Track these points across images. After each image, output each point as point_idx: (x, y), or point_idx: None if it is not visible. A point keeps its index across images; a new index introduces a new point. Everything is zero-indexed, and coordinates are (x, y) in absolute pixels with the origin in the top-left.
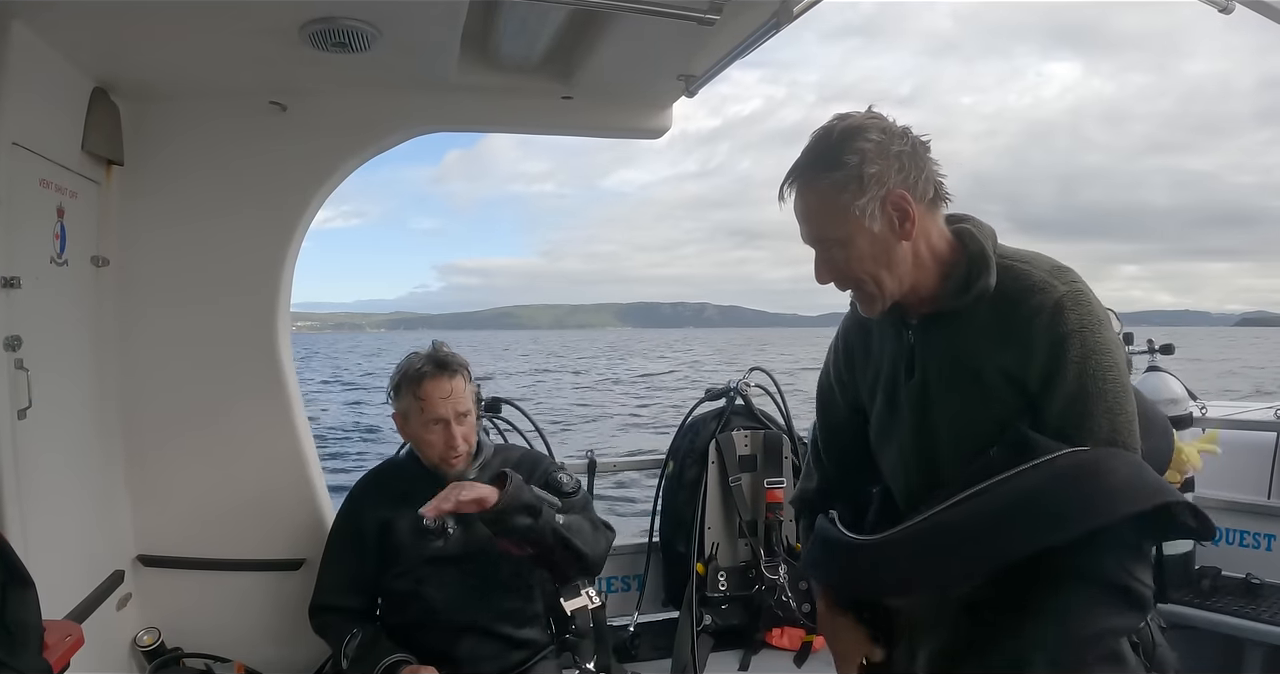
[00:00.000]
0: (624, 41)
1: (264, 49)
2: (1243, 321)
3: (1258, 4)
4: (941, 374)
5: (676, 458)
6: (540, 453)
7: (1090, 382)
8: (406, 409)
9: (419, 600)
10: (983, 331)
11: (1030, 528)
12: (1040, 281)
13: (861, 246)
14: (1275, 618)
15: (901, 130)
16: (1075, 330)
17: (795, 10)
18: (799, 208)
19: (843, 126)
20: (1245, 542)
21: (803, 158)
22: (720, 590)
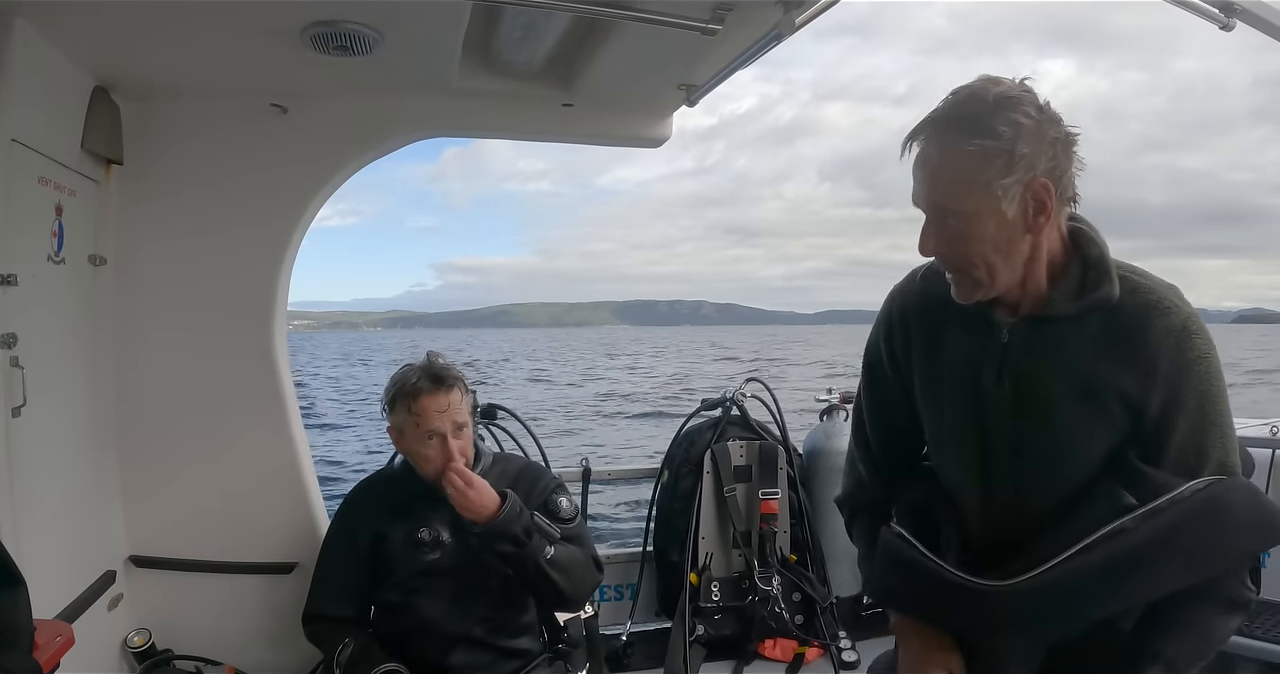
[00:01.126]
0: (626, 50)
1: (266, 51)
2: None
3: (1259, 21)
4: (1044, 385)
5: (672, 467)
6: (541, 467)
7: (1211, 410)
8: (402, 424)
9: (412, 611)
10: (1099, 345)
11: (1169, 571)
12: (1165, 301)
13: (987, 227)
14: (1269, 635)
15: (1056, 115)
16: (1201, 356)
17: (798, 21)
18: (929, 166)
19: (999, 92)
20: None
21: (947, 113)
22: (713, 601)
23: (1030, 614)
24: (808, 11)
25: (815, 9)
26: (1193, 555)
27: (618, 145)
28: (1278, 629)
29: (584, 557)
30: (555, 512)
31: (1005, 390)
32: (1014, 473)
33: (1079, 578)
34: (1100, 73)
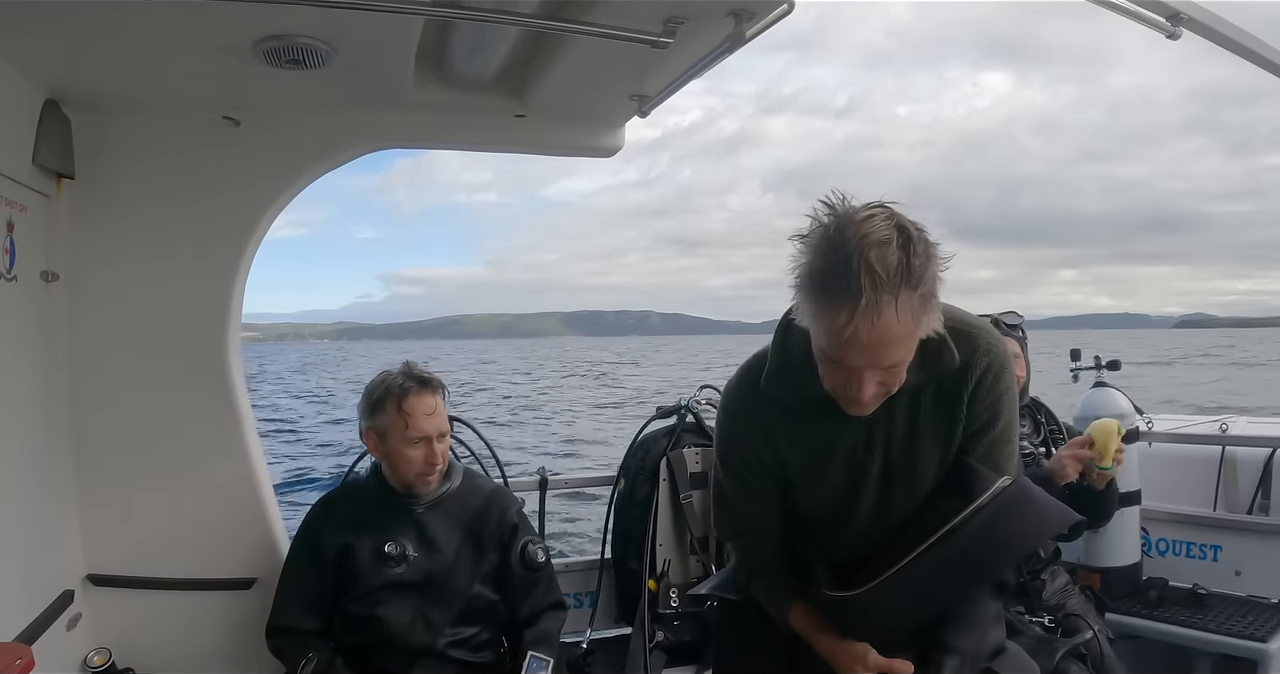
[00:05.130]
0: (577, 61)
1: (218, 64)
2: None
3: (1206, 29)
4: (906, 445)
5: (628, 475)
6: (509, 495)
7: (1009, 427)
8: (387, 426)
9: (376, 624)
10: (940, 393)
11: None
12: (984, 344)
13: (909, 360)
14: (1221, 627)
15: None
16: (1007, 387)
17: (748, 33)
18: (882, 331)
19: (916, 235)
20: (1192, 553)
21: (886, 269)
22: (672, 607)
23: (880, 615)
24: (758, 24)
25: (766, 21)
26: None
27: (571, 155)
28: (1230, 622)
29: (559, 623)
30: (531, 561)
31: (875, 457)
32: (878, 514)
33: (922, 576)
34: (1038, 86)
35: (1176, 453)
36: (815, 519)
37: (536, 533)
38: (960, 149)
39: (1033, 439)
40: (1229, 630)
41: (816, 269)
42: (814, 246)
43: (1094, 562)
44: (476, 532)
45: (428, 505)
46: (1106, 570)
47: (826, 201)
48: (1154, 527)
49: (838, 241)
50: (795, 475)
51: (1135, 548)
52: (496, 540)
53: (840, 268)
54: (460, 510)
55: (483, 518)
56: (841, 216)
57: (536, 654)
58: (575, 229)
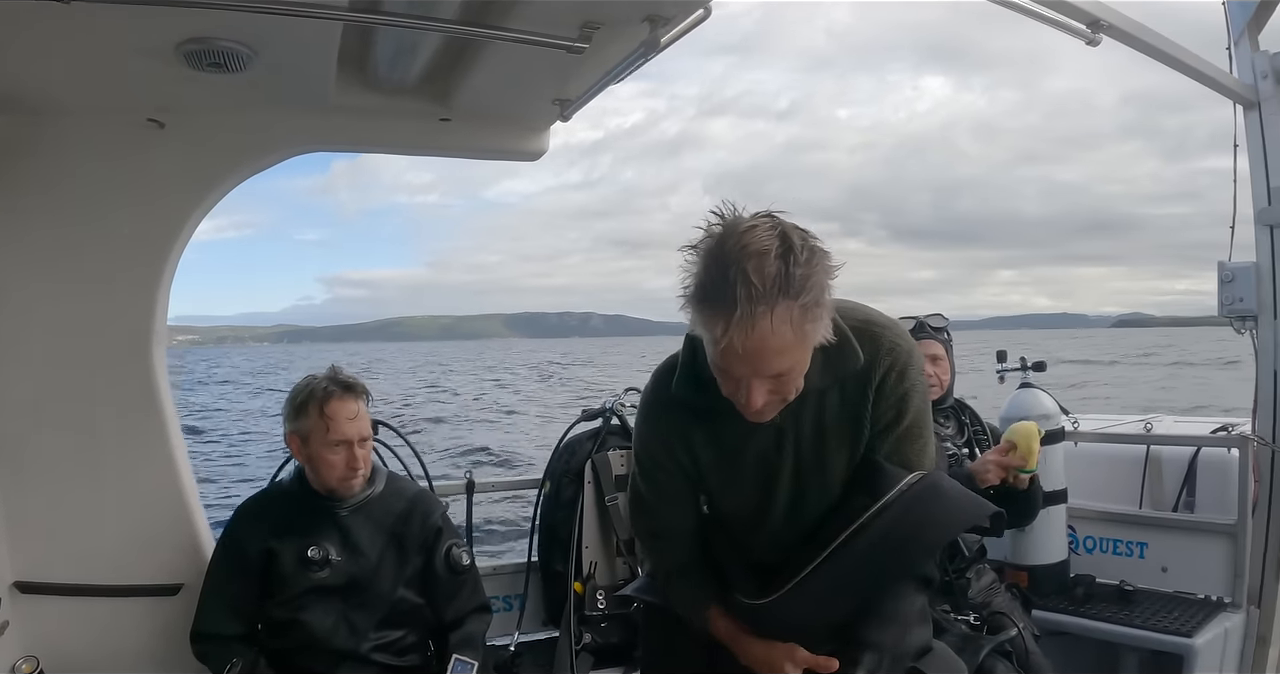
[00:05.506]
0: (499, 65)
1: (141, 67)
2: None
3: (1125, 36)
4: (816, 445)
5: (553, 478)
6: (432, 498)
7: (917, 423)
8: (309, 429)
9: (300, 628)
10: (846, 394)
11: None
12: (888, 342)
13: (801, 367)
14: (1148, 623)
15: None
16: (914, 384)
17: (663, 40)
18: (761, 341)
19: (800, 245)
20: (1119, 550)
21: (763, 279)
22: (599, 609)
23: (797, 618)
24: (674, 29)
25: (682, 27)
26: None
27: (495, 159)
28: (1156, 618)
29: (484, 626)
30: (456, 564)
31: (785, 459)
32: (792, 514)
33: (833, 577)
34: (977, 90)
35: (1103, 452)
36: (732, 521)
37: (460, 536)
38: (900, 152)
39: (956, 440)
40: (1155, 626)
41: (700, 281)
42: (699, 258)
43: (1021, 560)
44: (400, 535)
45: (351, 509)
46: (1034, 568)
47: (717, 211)
48: (1081, 525)
49: (719, 252)
50: (709, 478)
51: (1062, 546)
52: (420, 544)
53: (719, 279)
54: (384, 514)
55: (406, 521)
56: (727, 227)
57: (461, 658)
58: (517, 230)
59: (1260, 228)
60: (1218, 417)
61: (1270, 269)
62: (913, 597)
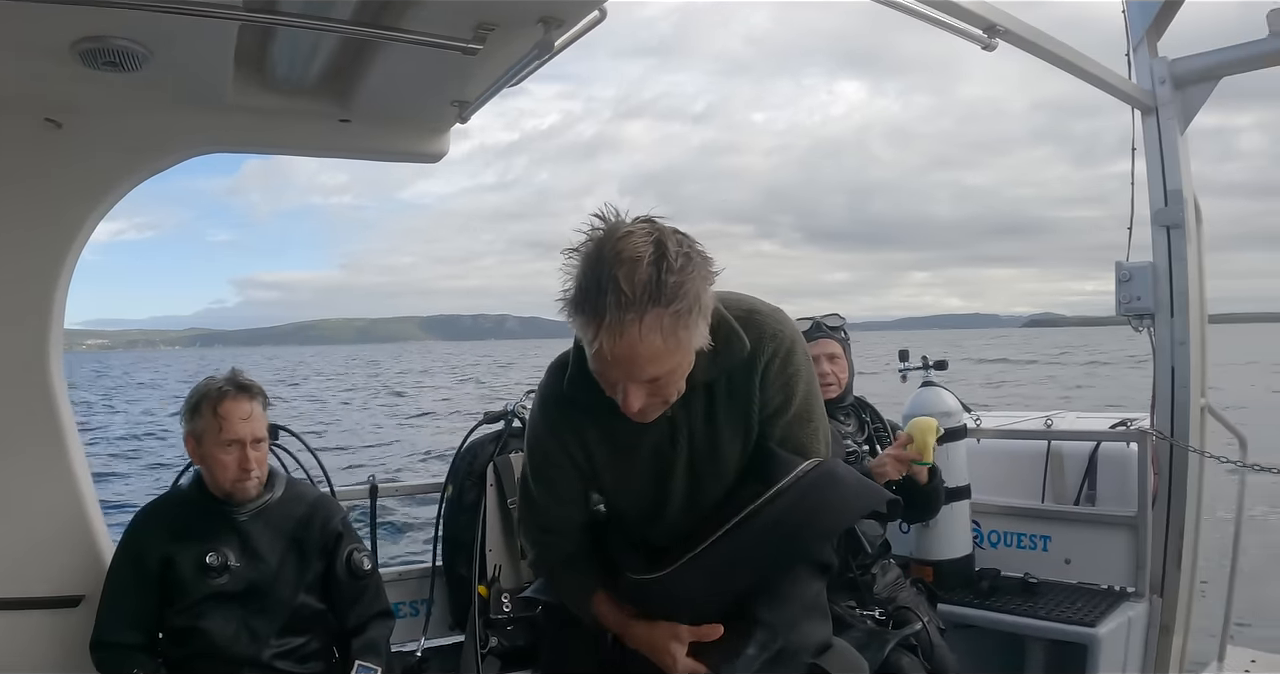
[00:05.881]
0: (396, 67)
1: (36, 65)
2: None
3: (1020, 40)
4: (709, 436)
5: (456, 481)
6: (333, 503)
7: (806, 407)
8: (203, 429)
9: (200, 635)
10: (734, 383)
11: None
12: (771, 329)
13: (682, 369)
14: (1052, 614)
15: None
16: (798, 369)
17: (558, 43)
18: (631, 348)
19: (674, 251)
20: (1023, 543)
21: (633, 287)
22: (504, 612)
23: (686, 593)
24: (568, 32)
25: (577, 29)
26: (812, 521)
27: (396, 161)
28: (1060, 608)
29: (386, 632)
30: (358, 568)
31: (679, 452)
32: (690, 506)
33: (725, 556)
34: (891, 95)
35: (1005, 448)
36: (630, 515)
37: (361, 541)
38: (815, 155)
39: (856, 437)
40: (1059, 617)
41: (576, 286)
42: (578, 262)
43: (926, 555)
44: (300, 540)
45: (251, 514)
46: (939, 563)
47: (599, 214)
48: (985, 519)
49: (594, 258)
50: (604, 474)
51: (967, 540)
52: (320, 548)
53: (592, 285)
54: (283, 519)
55: (306, 526)
56: (605, 232)
57: (364, 664)
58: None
59: (1157, 229)
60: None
61: (1167, 268)
62: (809, 581)
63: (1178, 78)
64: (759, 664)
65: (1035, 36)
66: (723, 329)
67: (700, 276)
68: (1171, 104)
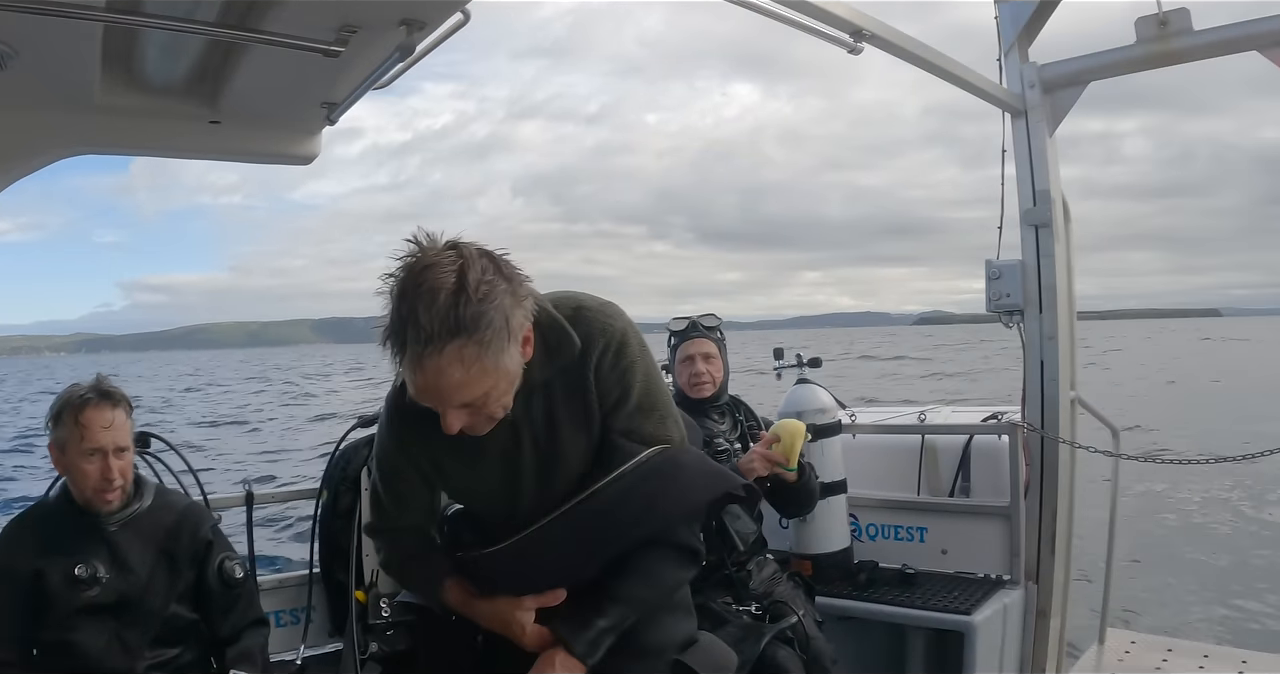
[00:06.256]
0: (263, 69)
1: None
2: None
3: (887, 44)
4: (550, 436)
5: (330, 486)
6: (202, 510)
7: (647, 397)
8: (65, 438)
9: (72, 649)
10: (570, 380)
11: (636, 520)
12: (600, 323)
13: (501, 389)
14: (929, 603)
15: (504, 260)
16: (633, 361)
17: (421, 46)
18: (434, 380)
19: (475, 280)
20: (900, 535)
21: (431, 321)
22: (383, 617)
23: (525, 570)
24: (431, 35)
25: (439, 33)
26: (655, 505)
27: (268, 163)
28: (937, 598)
29: (261, 640)
30: (230, 577)
31: (525, 454)
32: (540, 503)
33: (560, 536)
34: (784, 98)
35: (881, 443)
36: (485, 516)
37: (233, 549)
38: (708, 156)
39: (730, 436)
40: (936, 606)
41: (387, 316)
42: (390, 292)
43: (805, 549)
44: (170, 550)
45: (119, 525)
46: (817, 557)
47: (414, 240)
48: (863, 513)
49: (399, 290)
50: (454, 481)
51: (844, 534)
52: (191, 558)
53: (395, 318)
54: (153, 529)
55: (176, 536)
56: (414, 263)
57: (239, 673)
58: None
59: (1026, 228)
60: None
61: (1035, 266)
62: (671, 566)
63: (1047, 82)
64: (612, 639)
65: (902, 41)
66: (553, 329)
67: (508, 301)
68: (1040, 107)
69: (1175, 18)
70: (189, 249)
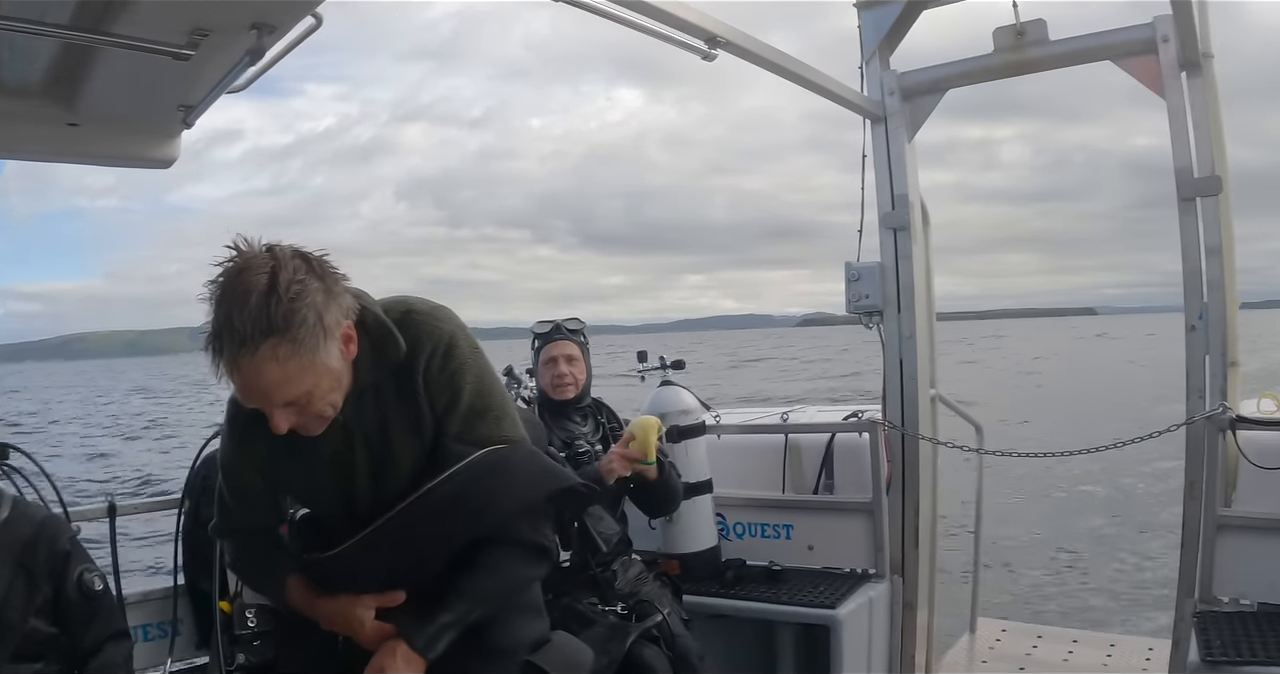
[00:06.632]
0: (118, 71)
1: None
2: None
3: (741, 50)
4: (380, 438)
5: (192, 495)
6: (60, 521)
7: (479, 399)
8: None
9: None
10: (400, 383)
11: (469, 519)
12: (428, 326)
13: (325, 387)
14: (795, 598)
15: (318, 259)
16: (462, 363)
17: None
18: (253, 380)
19: (286, 280)
20: (766, 533)
21: (244, 322)
22: (249, 627)
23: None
24: (282, 39)
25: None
26: (487, 504)
27: (126, 166)
28: (803, 593)
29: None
30: (89, 589)
31: (358, 457)
32: (377, 508)
33: (395, 535)
34: (669, 103)
35: (746, 443)
36: (324, 518)
37: (92, 561)
38: (592, 160)
39: (591, 438)
40: (802, 601)
41: (208, 320)
42: (209, 297)
43: (672, 549)
44: (27, 563)
45: None
46: (684, 556)
47: (233, 246)
48: (730, 512)
49: (216, 297)
50: (292, 483)
51: (711, 533)
52: (49, 571)
53: (212, 322)
54: (11, 542)
55: (33, 548)
56: (230, 268)
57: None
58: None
59: (884, 230)
60: None
61: (894, 268)
62: (518, 562)
63: (906, 89)
64: (454, 634)
65: (759, 48)
66: (379, 332)
67: (321, 298)
68: (899, 114)
69: (1032, 28)
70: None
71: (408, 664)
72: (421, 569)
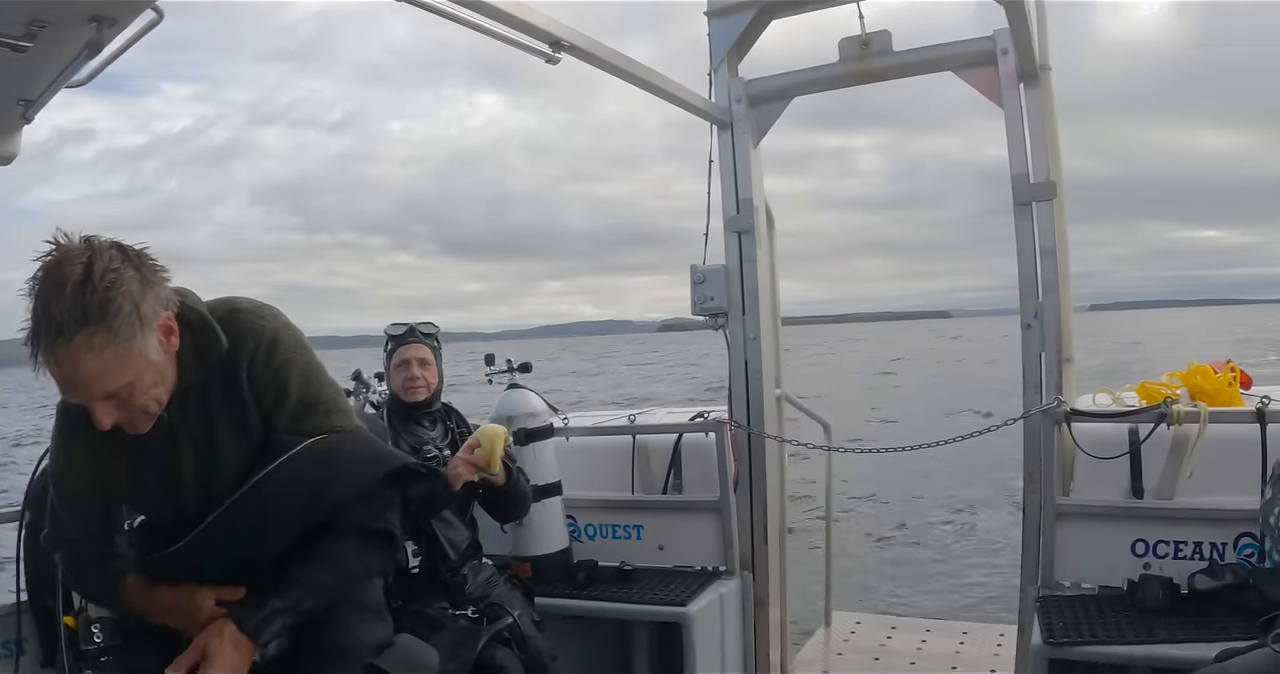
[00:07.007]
0: None
1: None
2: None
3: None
4: (208, 439)
5: (32, 507)
6: None
7: (307, 393)
8: None
9: None
10: (225, 381)
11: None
12: (251, 323)
13: (146, 380)
14: (646, 597)
15: (137, 253)
16: (287, 357)
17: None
18: (70, 371)
19: (101, 269)
20: (618, 534)
21: (60, 312)
22: (95, 642)
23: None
24: (123, 33)
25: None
26: (319, 492)
27: None
28: (655, 592)
29: None
30: None
31: (184, 457)
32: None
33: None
34: (529, 109)
35: (595, 445)
36: (155, 520)
37: None
38: (452, 166)
39: (440, 443)
40: (653, 599)
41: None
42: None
43: (524, 552)
44: None
45: None
46: (536, 559)
47: (53, 240)
48: (580, 513)
49: (35, 288)
50: (119, 483)
51: (563, 535)
52: None
53: (31, 315)
54: None
55: None
56: (49, 261)
57: None
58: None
59: (729, 234)
60: None
61: (739, 271)
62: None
63: (753, 97)
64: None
65: (605, 53)
66: (202, 329)
67: (136, 288)
68: (746, 120)
69: (877, 39)
70: None
71: (235, 646)
72: (261, 563)
